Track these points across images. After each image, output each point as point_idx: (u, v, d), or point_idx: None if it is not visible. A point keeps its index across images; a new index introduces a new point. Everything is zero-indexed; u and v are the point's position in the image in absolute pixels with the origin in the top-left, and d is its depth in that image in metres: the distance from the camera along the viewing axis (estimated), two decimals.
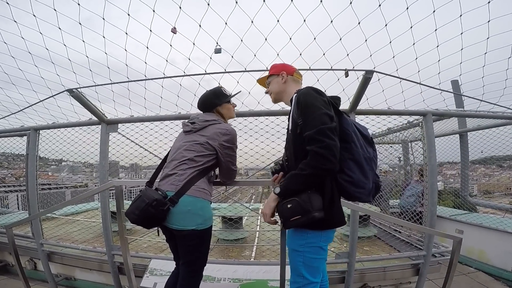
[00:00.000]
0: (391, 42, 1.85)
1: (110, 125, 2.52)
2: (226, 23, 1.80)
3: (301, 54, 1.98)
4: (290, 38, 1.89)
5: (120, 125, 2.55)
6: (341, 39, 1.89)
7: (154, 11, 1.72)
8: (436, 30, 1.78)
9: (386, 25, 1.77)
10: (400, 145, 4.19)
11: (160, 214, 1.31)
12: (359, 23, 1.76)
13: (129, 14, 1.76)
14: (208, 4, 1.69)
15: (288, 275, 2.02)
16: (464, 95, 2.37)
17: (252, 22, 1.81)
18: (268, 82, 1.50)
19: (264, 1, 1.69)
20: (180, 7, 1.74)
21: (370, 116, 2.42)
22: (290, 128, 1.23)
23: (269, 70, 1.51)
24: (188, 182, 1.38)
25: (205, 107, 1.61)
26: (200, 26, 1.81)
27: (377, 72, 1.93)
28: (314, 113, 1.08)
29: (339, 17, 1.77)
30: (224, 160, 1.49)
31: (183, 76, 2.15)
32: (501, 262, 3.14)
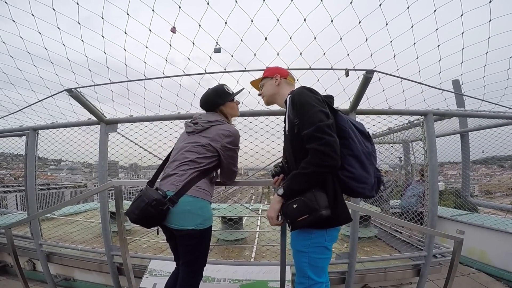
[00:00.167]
0: (392, 42, 1.85)
1: (109, 125, 2.51)
2: (226, 23, 1.79)
3: (301, 53, 1.98)
4: (290, 38, 1.88)
5: (119, 125, 2.54)
6: (341, 39, 1.88)
7: (153, 11, 1.71)
8: (437, 29, 1.77)
9: (386, 24, 1.77)
10: (401, 145, 4.18)
11: (159, 214, 1.31)
12: (360, 23, 1.76)
13: (128, 14, 1.76)
14: (207, 3, 1.69)
15: (288, 276, 2.03)
16: (465, 95, 2.36)
17: (252, 21, 1.80)
18: (261, 85, 1.50)
19: (264, 0, 1.69)
20: (179, 7, 1.73)
21: (370, 116, 2.42)
22: (287, 129, 1.23)
23: (263, 73, 1.52)
24: (188, 182, 1.37)
25: (207, 107, 1.59)
26: (199, 25, 1.80)
27: (377, 71, 1.93)
28: (309, 111, 1.08)
29: (340, 16, 1.76)
30: (225, 161, 1.49)
31: (183, 75, 2.14)
32: (502, 263, 3.12)
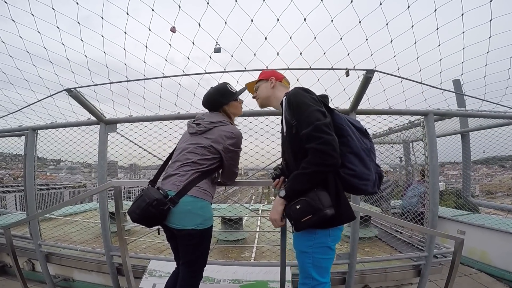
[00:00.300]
0: (392, 41, 1.84)
1: (109, 125, 2.51)
2: (226, 22, 1.78)
3: (301, 53, 1.97)
4: (290, 37, 1.87)
5: (119, 125, 2.54)
6: (341, 38, 1.88)
7: (153, 10, 1.70)
8: (437, 29, 1.77)
9: (387, 24, 1.76)
10: (401, 145, 4.17)
11: (160, 214, 1.31)
12: (360, 22, 1.75)
13: (128, 13, 1.75)
14: (207, 3, 1.68)
15: (288, 276, 2.02)
16: (465, 95, 2.35)
17: (252, 21, 1.79)
18: (256, 87, 1.51)
19: (264, 0, 1.68)
20: (179, 6, 1.73)
21: (371, 116, 2.41)
22: (284, 130, 1.23)
23: (258, 76, 1.53)
24: (190, 182, 1.37)
25: (211, 107, 1.59)
26: (199, 25, 1.79)
27: (378, 71, 1.92)
28: (306, 111, 1.09)
29: (340, 16, 1.76)
30: (227, 163, 1.49)
31: (183, 75, 2.13)
32: (503, 263, 3.12)
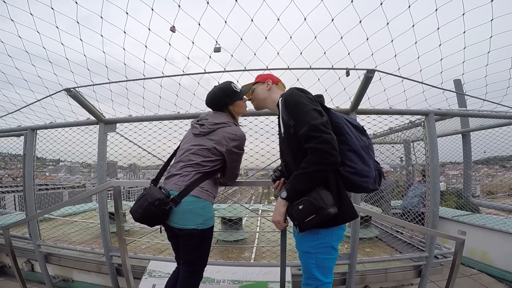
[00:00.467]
0: (393, 41, 1.83)
1: (108, 125, 2.50)
2: (226, 22, 1.78)
3: (301, 53, 1.96)
4: (291, 37, 1.87)
5: (118, 125, 2.54)
6: (342, 38, 1.87)
7: (152, 10, 1.70)
8: (438, 28, 1.76)
9: (387, 23, 1.75)
10: (402, 145, 4.16)
11: (162, 214, 1.32)
12: (360, 22, 1.74)
13: (127, 13, 1.75)
14: (207, 2, 1.67)
15: (288, 277, 2.01)
16: (466, 95, 2.34)
17: (252, 20, 1.79)
18: (252, 90, 1.52)
19: None
20: (179, 6, 1.72)
21: (371, 115, 2.41)
22: (282, 131, 1.22)
23: (254, 79, 1.54)
24: (192, 183, 1.38)
25: (215, 107, 1.57)
26: (199, 24, 1.78)
27: (378, 71, 1.92)
28: (302, 110, 1.09)
29: (340, 15, 1.75)
30: (230, 164, 1.50)
31: (182, 75, 2.12)
32: (504, 264, 3.11)
